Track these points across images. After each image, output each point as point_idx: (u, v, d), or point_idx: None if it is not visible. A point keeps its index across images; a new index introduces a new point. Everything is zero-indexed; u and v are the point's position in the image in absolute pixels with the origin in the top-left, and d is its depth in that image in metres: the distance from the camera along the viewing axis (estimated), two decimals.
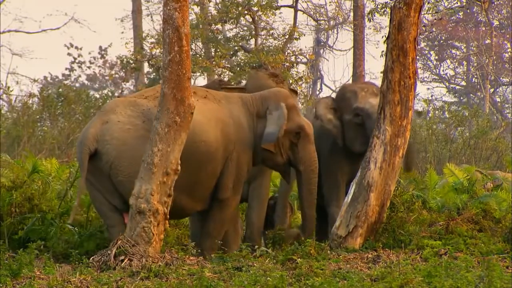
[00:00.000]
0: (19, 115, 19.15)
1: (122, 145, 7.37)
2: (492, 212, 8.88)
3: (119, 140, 7.37)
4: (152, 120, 7.25)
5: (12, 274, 6.55)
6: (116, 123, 7.42)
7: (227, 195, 7.75)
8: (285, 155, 7.97)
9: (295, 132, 7.96)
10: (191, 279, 6.52)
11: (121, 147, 7.36)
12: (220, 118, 7.71)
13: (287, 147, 7.97)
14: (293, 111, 7.97)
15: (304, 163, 7.98)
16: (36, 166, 9.08)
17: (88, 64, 33.91)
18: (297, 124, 7.97)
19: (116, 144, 7.36)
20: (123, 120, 7.45)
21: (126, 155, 7.34)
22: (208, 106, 7.74)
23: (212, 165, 7.61)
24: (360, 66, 22.31)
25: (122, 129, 7.41)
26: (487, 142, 19.47)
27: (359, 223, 7.85)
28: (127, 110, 7.50)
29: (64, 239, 8.08)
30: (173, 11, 7.16)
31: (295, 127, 7.96)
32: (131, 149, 7.35)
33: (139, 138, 7.37)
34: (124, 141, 7.38)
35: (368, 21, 19.68)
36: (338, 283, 6.39)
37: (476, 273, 6.57)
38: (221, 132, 7.67)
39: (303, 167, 7.98)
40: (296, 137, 7.98)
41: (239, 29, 22.48)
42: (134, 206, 7.12)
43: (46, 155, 16.63)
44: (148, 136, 7.22)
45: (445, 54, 35.49)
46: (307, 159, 7.99)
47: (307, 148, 8.01)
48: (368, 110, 8.58)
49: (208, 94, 7.87)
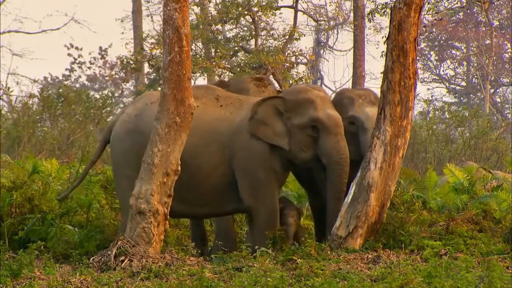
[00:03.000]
0: (19, 115, 19.14)
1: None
2: (492, 213, 8.87)
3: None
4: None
5: (12, 275, 6.55)
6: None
7: (247, 203, 7.82)
8: (310, 151, 7.97)
9: (311, 126, 7.96)
10: (191, 280, 6.52)
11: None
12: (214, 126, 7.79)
13: (309, 143, 7.97)
14: (304, 105, 7.97)
15: (326, 155, 7.96)
16: (36, 167, 9.08)
17: (88, 64, 33.92)
18: (309, 118, 7.96)
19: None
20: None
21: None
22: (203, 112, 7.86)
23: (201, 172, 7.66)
24: (360, 67, 22.28)
25: None
26: (487, 142, 19.46)
27: (359, 224, 7.84)
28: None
29: (64, 240, 8.08)
30: (173, 11, 7.16)
31: (308, 121, 7.96)
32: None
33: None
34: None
35: (368, 22, 19.69)
36: (338, 283, 6.39)
37: (476, 273, 6.56)
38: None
39: (326, 160, 7.97)
40: (314, 131, 7.97)
41: (239, 29, 22.46)
42: (134, 206, 7.12)
43: (46, 155, 16.62)
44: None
45: (445, 55, 35.47)
46: (328, 151, 7.95)
47: (327, 140, 7.97)
48: (363, 122, 8.46)
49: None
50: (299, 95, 8.07)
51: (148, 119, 7.84)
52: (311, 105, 8.03)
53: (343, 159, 7.96)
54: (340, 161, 7.95)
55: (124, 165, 7.90)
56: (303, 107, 8.00)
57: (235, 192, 7.89)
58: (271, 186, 7.89)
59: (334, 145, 7.97)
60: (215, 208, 7.97)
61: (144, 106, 8.02)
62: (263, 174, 7.85)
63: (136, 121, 7.94)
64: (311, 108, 8.01)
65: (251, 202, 7.82)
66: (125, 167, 7.89)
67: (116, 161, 8.02)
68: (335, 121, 8.04)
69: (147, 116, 7.88)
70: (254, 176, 7.83)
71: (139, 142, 7.77)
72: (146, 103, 8.04)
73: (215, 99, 7.94)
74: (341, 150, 7.98)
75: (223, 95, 8.09)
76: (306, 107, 8.00)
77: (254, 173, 7.83)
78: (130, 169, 7.80)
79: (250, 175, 7.82)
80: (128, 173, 7.80)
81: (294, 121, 8.01)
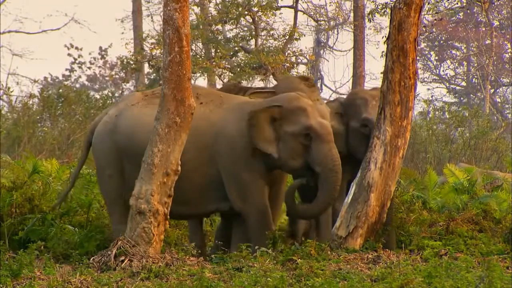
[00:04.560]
0: (20, 115, 19.13)
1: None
2: (492, 213, 8.88)
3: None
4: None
5: (13, 275, 6.55)
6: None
7: (237, 206, 7.81)
8: (300, 159, 7.87)
9: (304, 134, 7.87)
10: (191, 280, 6.52)
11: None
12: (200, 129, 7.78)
13: (300, 151, 7.88)
14: (297, 113, 7.89)
15: (319, 164, 7.86)
16: (36, 167, 9.09)
17: (88, 64, 33.89)
18: (302, 126, 7.86)
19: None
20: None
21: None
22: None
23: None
24: (360, 67, 22.28)
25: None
26: (487, 142, 19.45)
27: (360, 224, 7.84)
28: None
29: (65, 240, 8.09)
30: (173, 11, 7.16)
31: (301, 129, 7.87)
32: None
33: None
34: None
35: (368, 22, 19.71)
36: (338, 283, 6.39)
37: (476, 273, 6.57)
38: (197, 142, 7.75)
39: (319, 168, 7.86)
40: (307, 139, 7.88)
41: (239, 29, 22.47)
42: (134, 206, 7.12)
43: (47, 155, 16.62)
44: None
45: (445, 55, 35.47)
46: (322, 159, 7.85)
47: (320, 148, 7.87)
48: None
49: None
50: (291, 103, 7.95)
51: (128, 120, 7.93)
52: (308, 113, 7.93)
53: (336, 167, 7.86)
54: (335, 168, 7.84)
55: (106, 165, 7.99)
56: (294, 116, 7.90)
57: (217, 192, 7.86)
58: (257, 185, 7.84)
59: (328, 153, 7.86)
60: (197, 208, 7.93)
61: (125, 107, 8.10)
62: (247, 174, 7.81)
63: (116, 122, 8.01)
64: (306, 116, 7.91)
65: (239, 204, 7.81)
66: (107, 167, 7.98)
67: (98, 161, 8.11)
68: (325, 129, 7.95)
69: (127, 117, 7.97)
70: (238, 177, 7.79)
71: (119, 142, 7.88)
72: (127, 104, 8.13)
73: (196, 97, 7.89)
74: (334, 158, 7.87)
75: (203, 92, 8.07)
76: (298, 116, 7.89)
77: (239, 174, 7.80)
78: (111, 169, 7.93)
79: (234, 176, 7.80)
80: (109, 173, 7.92)
81: (287, 129, 7.93)
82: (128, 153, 7.87)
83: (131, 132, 7.90)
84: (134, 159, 7.71)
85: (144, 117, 7.90)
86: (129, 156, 7.84)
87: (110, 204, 8.03)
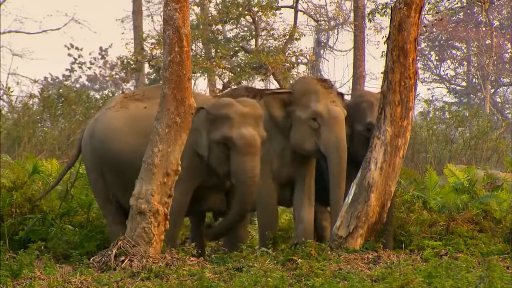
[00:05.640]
0: (20, 115, 19.13)
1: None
2: (492, 213, 8.88)
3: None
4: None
5: (13, 275, 6.55)
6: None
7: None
8: (224, 166, 7.70)
9: (223, 143, 7.69)
10: (191, 280, 6.52)
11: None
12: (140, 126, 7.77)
13: (223, 158, 7.71)
14: (222, 121, 7.68)
15: (234, 175, 7.65)
16: (36, 167, 9.09)
17: (89, 64, 33.90)
18: (222, 135, 7.67)
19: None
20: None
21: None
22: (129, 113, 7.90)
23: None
24: (360, 67, 22.29)
25: None
26: (488, 142, 19.45)
27: (360, 224, 7.84)
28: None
29: (65, 240, 8.10)
30: (173, 11, 7.16)
31: (220, 138, 7.68)
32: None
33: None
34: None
35: (369, 22, 19.69)
36: (338, 283, 6.39)
37: (476, 273, 6.57)
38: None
39: (234, 179, 7.67)
40: (225, 148, 7.68)
41: (239, 29, 22.48)
42: (134, 206, 7.12)
43: (47, 155, 16.62)
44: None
45: (445, 55, 35.49)
46: (235, 171, 7.63)
47: (235, 159, 7.63)
48: None
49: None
50: (219, 110, 7.75)
51: (101, 125, 8.00)
52: (233, 122, 7.69)
53: (249, 180, 7.61)
54: (248, 181, 7.60)
55: (90, 169, 8.13)
56: (219, 123, 7.71)
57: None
58: (184, 182, 7.59)
59: (241, 166, 7.62)
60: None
61: (103, 111, 8.18)
62: (183, 172, 7.42)
63: (94, 126, 8.10)
64: (229, 126, 7.68)
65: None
66: (91, 171, 8.12)
67: (85, 164, 8.26)
68: (248, 141, 7.67)
69: (101, 122, 8.03)
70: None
71: (95, 147, 7.97)
72: (105, 108, 8.20)
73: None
74: (249, 171, 7.62)
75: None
76: (223, 124, 7.69)
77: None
78: (94, 172, 8.05)
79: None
80: (94, 177, 8.05)
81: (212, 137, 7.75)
82: (103, 158, 7.95)
83: (103, 136, 7.96)
84: (107, 164, 7.86)
85: (114, 121, 7.96)
86: (103, 161, 7.94)
87: (102, 206, 8.16)
